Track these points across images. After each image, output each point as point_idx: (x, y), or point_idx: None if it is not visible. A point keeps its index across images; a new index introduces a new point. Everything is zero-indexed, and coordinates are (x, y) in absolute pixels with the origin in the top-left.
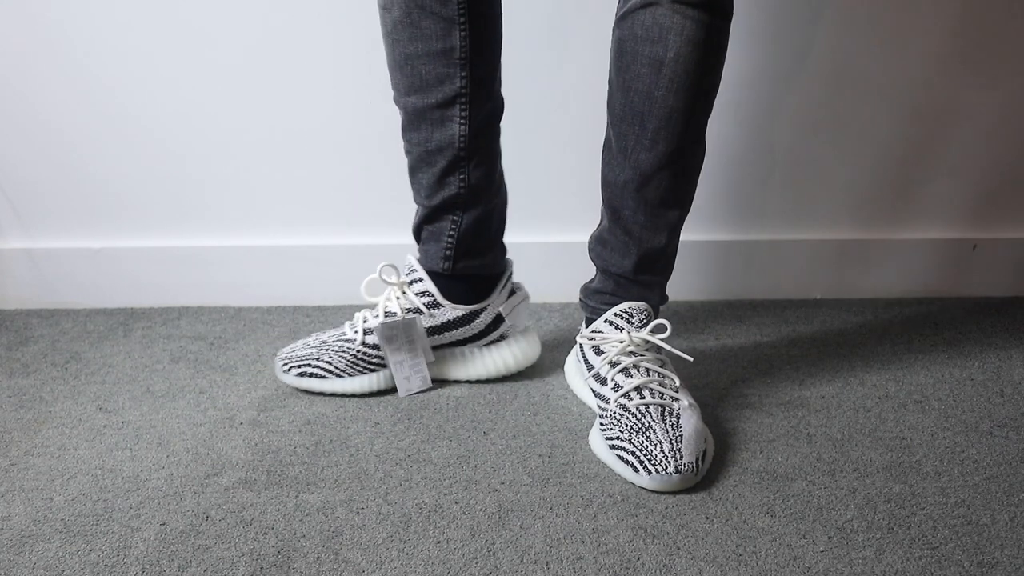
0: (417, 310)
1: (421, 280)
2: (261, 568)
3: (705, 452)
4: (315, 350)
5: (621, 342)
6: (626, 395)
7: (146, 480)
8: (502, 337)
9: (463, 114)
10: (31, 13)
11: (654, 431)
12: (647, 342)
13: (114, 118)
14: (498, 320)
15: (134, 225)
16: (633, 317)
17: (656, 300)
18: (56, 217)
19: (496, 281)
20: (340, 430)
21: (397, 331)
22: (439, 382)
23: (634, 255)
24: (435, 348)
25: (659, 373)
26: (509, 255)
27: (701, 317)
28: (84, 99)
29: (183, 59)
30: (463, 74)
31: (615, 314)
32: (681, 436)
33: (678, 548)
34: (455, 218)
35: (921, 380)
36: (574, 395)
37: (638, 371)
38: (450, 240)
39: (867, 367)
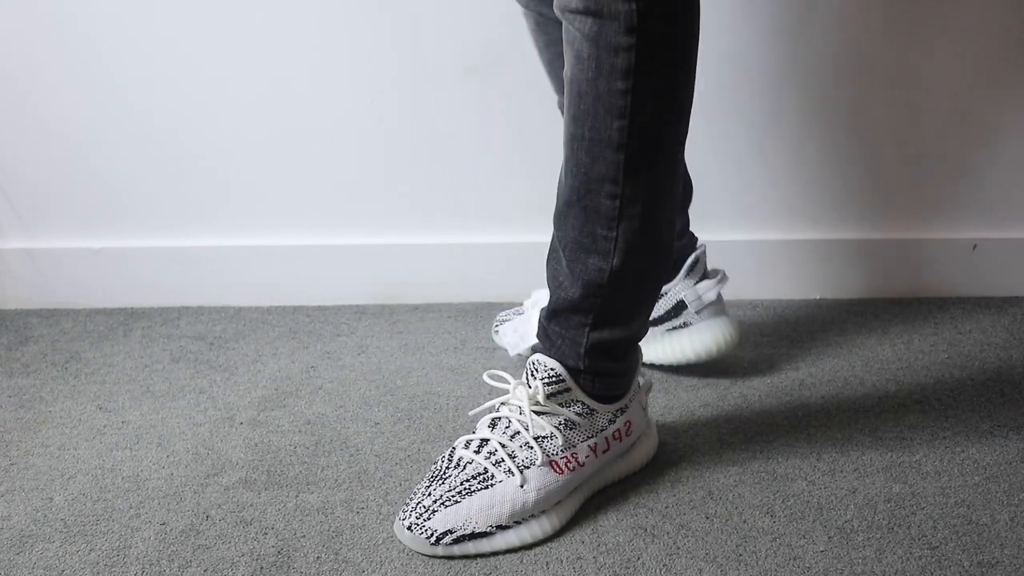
0: None
1: None
2: (261, 568)
3: (471, 535)
4: None
5: (506, 393)
6: (468, 442)
7: (146, 480)
8: (684, 324)
9: None
10: (32, 13)
11: (440, 481)
12: (537, 405)
13: (114, 118)
14: (679, 307)
15: (134, 225)
16: (536, 373)
17: (574, 362)
18: (56, 217)
19: (677, 267)
20: (340, 430)
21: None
22: None
23: (552, 302)
24: None
25: (525, 444)
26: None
27: None
28: (84, 99)
29: (183, 59)
30: None
31: (529, 363)
32: (455, 503)
33: (678, 548)
34: None
35: (921, 380)
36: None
37: (502, 427)
38: None
39: (867, 367)
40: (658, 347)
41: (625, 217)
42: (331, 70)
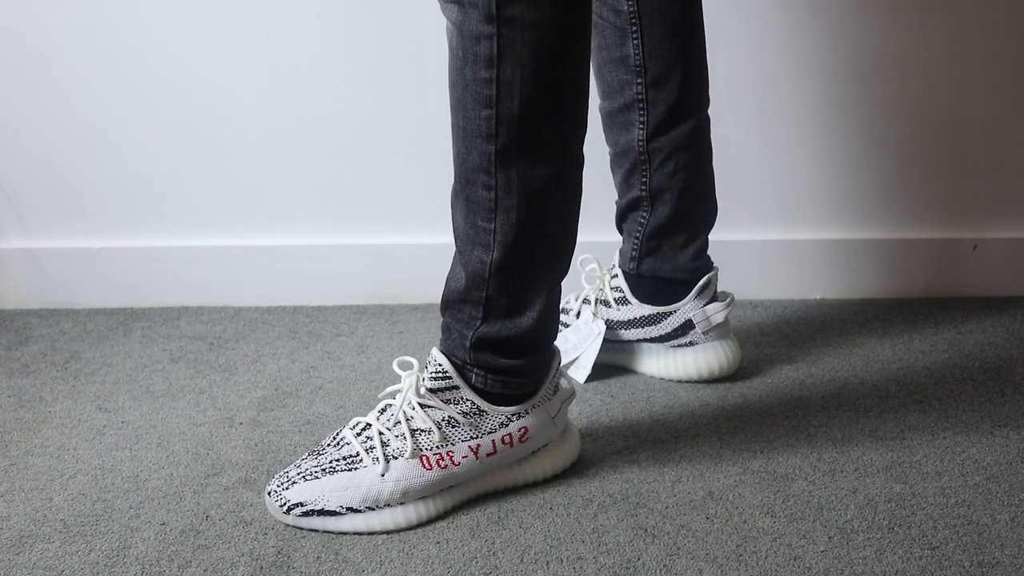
0: (606, 302)
1: (617, 276)
2: (261, 568)
3: (320, 511)
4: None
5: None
6: (356, 423)
7: (146, 480)
8: (691, 343)
9: (642, 119)
10: (32, 13)
11: (315, 456)
12: (420, 397)
13: (114, 118)
14: (687, 326)
15: (134, 225)
16: (428, 366)
17: (462, 355)
18: (56, 217)
19: (690, 285)
20: None
21: None
22: (627, 372)
23: (444, 291)
24: (627, 341)
25: (401, 435)
26: None
27: None
28: (84, 99)
29: (182, 59)
30: (639, 80)
31: (430, 354)
32: (315, 479)
33: (678, 548)
34: (641, 219)
35: (921, 380)
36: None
37: (388, 414)
38: (636, 241)
39: (867, 367)
40: (661, 362)
41: (501, 209)
42: (331, 70)
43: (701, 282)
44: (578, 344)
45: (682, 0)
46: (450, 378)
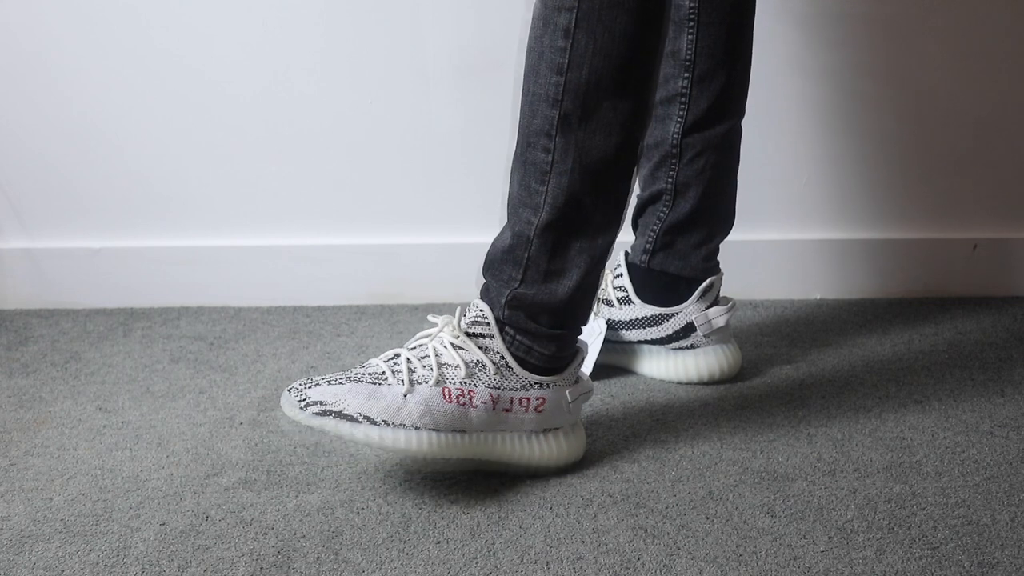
0: (608, 302)
1: (621, 275)
2: (261, 568)
3: (338, 413)
4: None
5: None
6: (385, 354)
7: (146, 480)
8: (692, 347)
9: (681, 113)
10: (31, 13)
11: (343, 373)
12: (454, 336)
13: (114, 118)
14: (688, 328)
15: (134, 225)
16: (467, 312)
17: (498, 311)
18: (56, 217)
19: (695, 285)
20: None
21: None
22: (627, 372)
23: (488, 252)
24: (629, 342)
25: (428, 366)
26: None
27: None
28: (84, 99)
29: (183, 59)
30: (686, 75)
31: (468, 304)
32: (339, 384)
33: (678, 548)
34: (660, 213)
35: (921, 380)
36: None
37: (418, 350)
38: (652, 234)
39: (867, 367)
40: (662, 364)
41: (555, 173)
42: (331, 70)
43: (705, 283)
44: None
45: (740, 5)
46: (488, 324)
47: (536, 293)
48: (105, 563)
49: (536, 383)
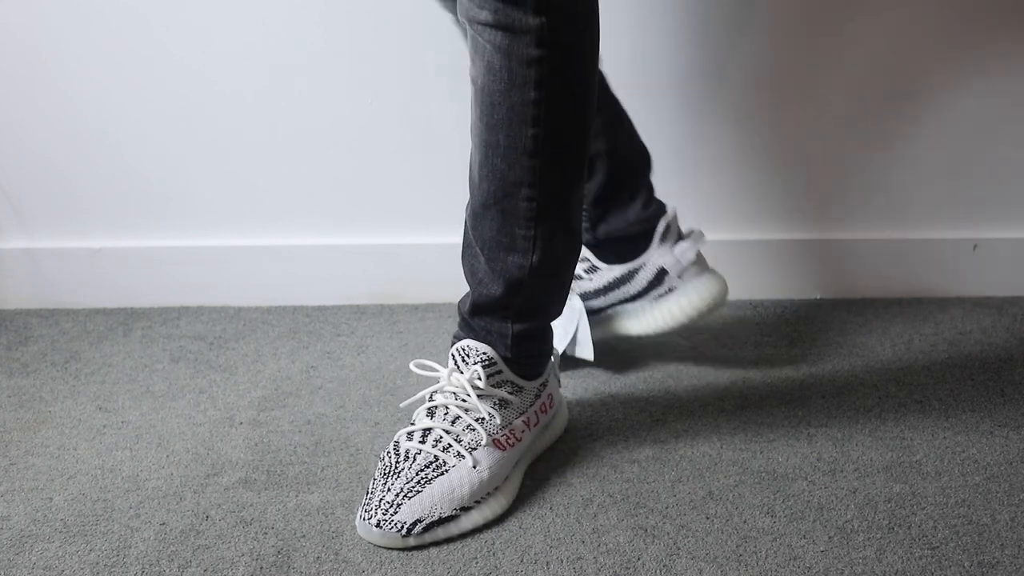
0: (577, 276)
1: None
2: (261, 568)
3: (438, 521)
4: None
5: (438, 381)
6: (410, 434)
7: (146, 480)
8: (670, 290)
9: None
10: (31, 13)
11: (395, 476)
12: (475, 388)
13: (114, 118)
14: (661, 274)
15: (134, 225)
16: (469, 358)
17: (503, 351)
18: (56, 217)
19: (651, 235)
20: (340, 430)
21: None
22: (618, 338)
23: (474, 298)
24: (606, 308)
25: (468, 427)
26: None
27: None
28: (84, 99)
29: (183, 59)
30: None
31: (456, 350)
32: (417, 493)
33: (678, 548)
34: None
35: (921, 380)
36: (576, 395)
37: (441, 414)
38: (584, 212)
39: (867, 367)
40: (648, 317)
41: (542, 217)
42: (331, 70)
43: (659, 227)
44: (566, 327)
45: None
46: (496, 364)
47: (534, 323)
48: (105, 563)
49: (542, 384)
